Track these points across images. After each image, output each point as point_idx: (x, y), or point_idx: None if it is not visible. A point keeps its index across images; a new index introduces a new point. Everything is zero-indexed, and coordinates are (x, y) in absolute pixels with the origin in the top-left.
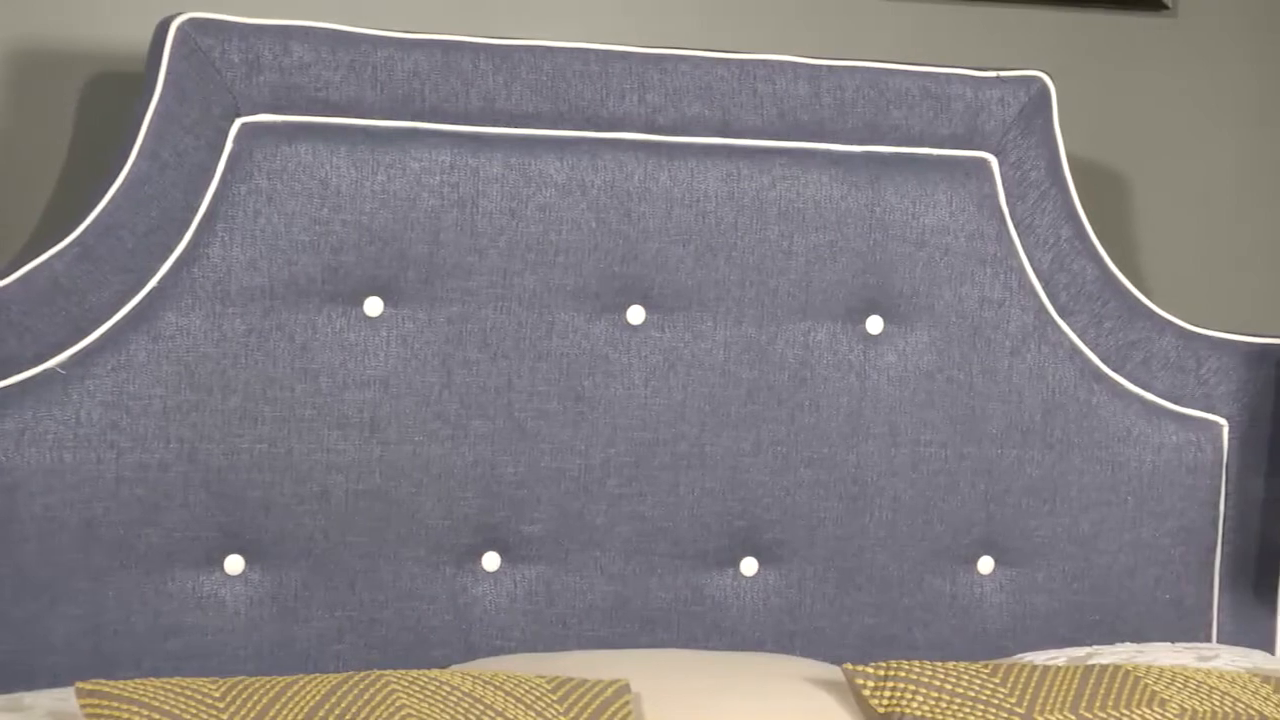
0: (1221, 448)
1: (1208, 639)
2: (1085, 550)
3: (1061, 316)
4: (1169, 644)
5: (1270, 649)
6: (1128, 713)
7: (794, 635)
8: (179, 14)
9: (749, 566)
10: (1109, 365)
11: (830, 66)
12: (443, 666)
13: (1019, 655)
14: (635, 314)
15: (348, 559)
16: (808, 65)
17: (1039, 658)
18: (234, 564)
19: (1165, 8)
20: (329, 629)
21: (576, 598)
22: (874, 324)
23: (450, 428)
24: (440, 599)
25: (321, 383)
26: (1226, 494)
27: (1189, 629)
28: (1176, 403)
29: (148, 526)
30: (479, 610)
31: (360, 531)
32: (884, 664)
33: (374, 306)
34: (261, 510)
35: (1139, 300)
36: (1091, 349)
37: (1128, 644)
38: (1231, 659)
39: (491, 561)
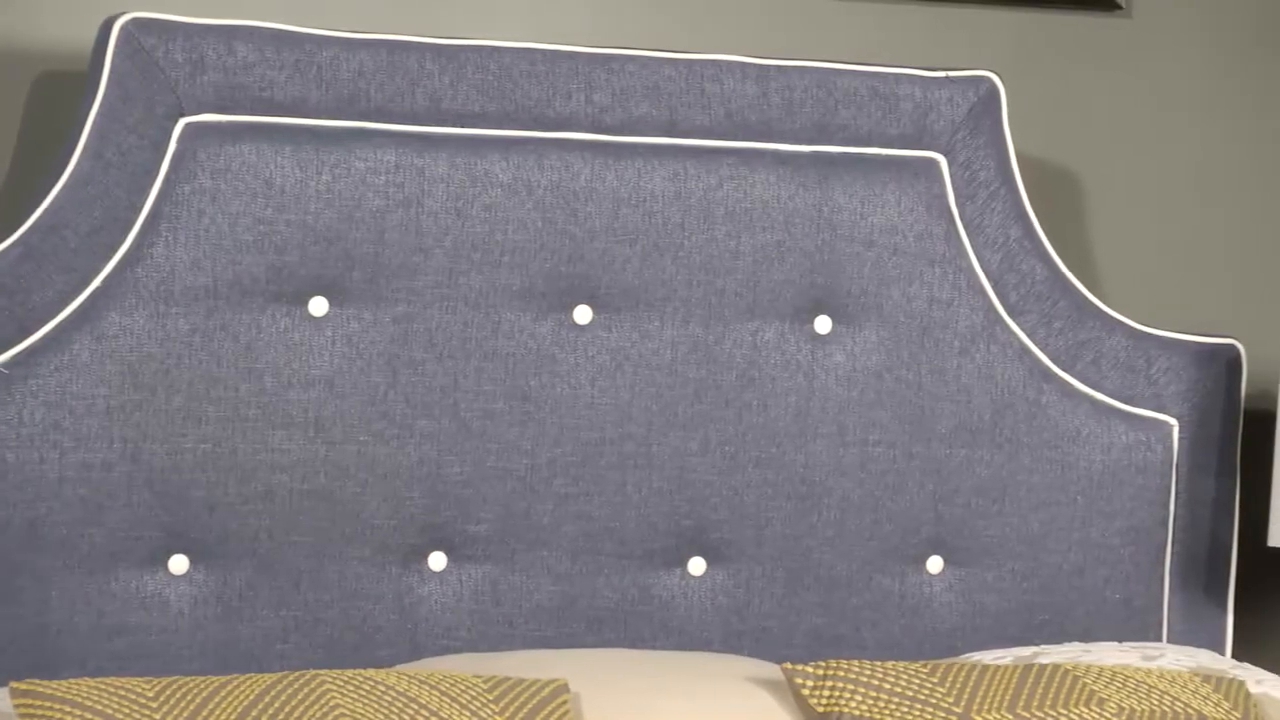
0: (1171, 447)
1: (1158, 638)
2: (1034, 550)
3: (1011, 316)
4: (1116, 643)
5: (1221, 648)
6: (1065, 712)
7: (742, 635)
8: (122, 14)
9: (696, 566)
10: (1059, 365)
11: (779, 66)
12: (388, 666)
13: (967, 655)
14: (582, 314)
15: (292, 559)
16: (756, 65)
17: (986, 657)
18: (178, 564)
19: (1119, 7)
20: (274, 629)
21: (523, 597)
22: (822, 324)
23: (395, 427)
24: (386, 599)
25: (266, 382)
26: (1176, 494)
27: (1139, 628)
28: (1126, 402)
29: (91, 526)
30: (425, 610)
31: (305, 531)
32: (823, 663)
33: (319, 306)
34: (206, 510)
35: (1089, 300)
36: (1041, 349)
37: (1075, 643)
38: (1177, 658)
39: (437, 561)
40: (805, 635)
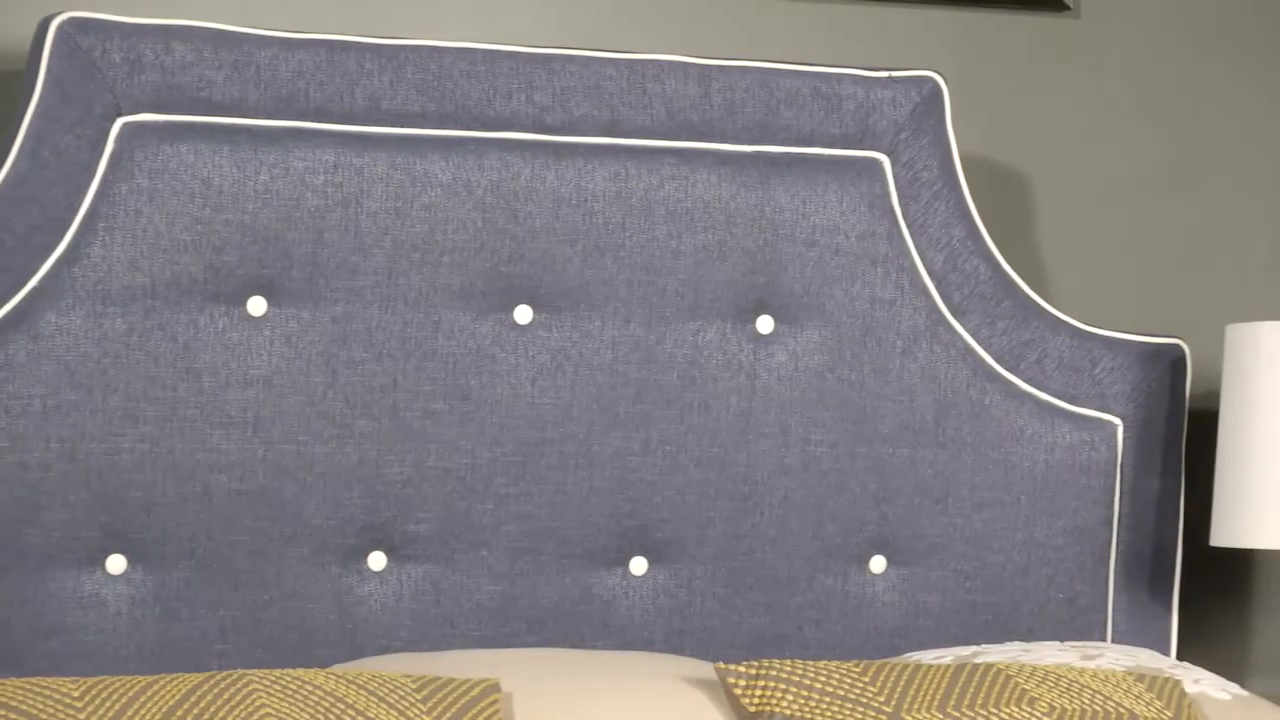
0: (1116, 447)
1: (1102, 638)
2: (978, 549)
3: (954, 316)
4: (1056, 643)
5: (1165, 648)
6: (996, 711)
7: (684, 635)
8: (59, 13)
9: (638, 566)
10: (1002, 365)
11: (720, 66)
12: (327, 666)
13: (908, 654)
14: (522, 314)
15: (231, 558)
16: (698, 65)
17: (926, 656)
18: (115, 564)
19: (1066, 8)
20: (212, 628)
21: (463, 597)
22: (764, 323)
23: (335, 427)
24: (325, 598)
25: (204, 382)
26: (1121, 493)
27: (1083, 628)
28: (1071, 402)
29: (28, 526)
30: (365, 610)
31: (244, 531)
32: (756, 663)
33: (257, 306)
34: (143, 510)
35: (1033, 300)
36: (985, 348)
37: (1016, 643)
38: (1116, 658)
39: (377, 561)
40: (748, 635)
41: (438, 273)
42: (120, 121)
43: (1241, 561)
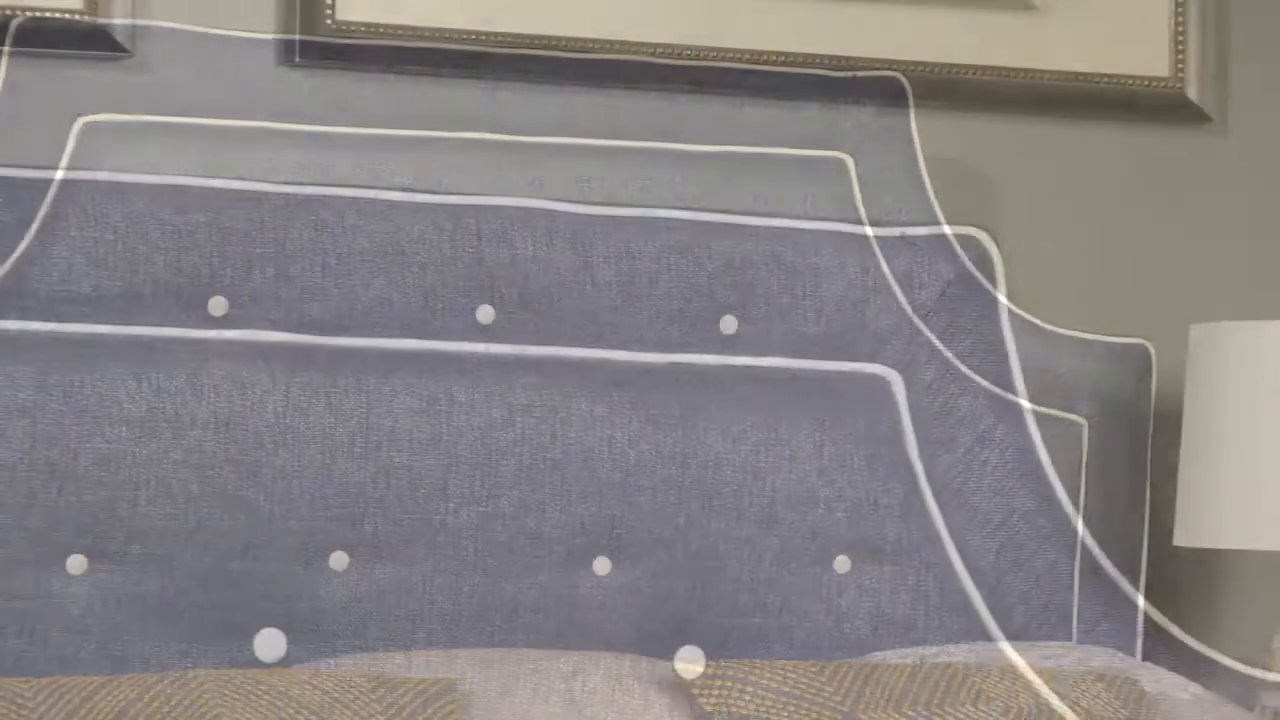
0: (1081, 447)
1: (1068, 638)
2: (944, 550)
3: (920, 316)
4: (1022, 643)
5: (1131, 648)
6: (952, 710)
7: (649, 635)
8: (19, 12)
9: (604, 566)
10: (968, 365)
11: (685, 66)
12: (291, 667)
13: (871, 654)
14: (485, 313)
15: (195, 560)
16: (663, 65)
17: (890, 657)
18: (79, 565)
19: (1032, 7)
20: (177, 630)
21: (429, 597)
22: (728, 324)
23: (299, 427)
24: (290, 599)
25: (169, 383)
26: (1086, 493)
27: (1049, 628)
28: (1036, 403)
29: None
30: (330, 610)
31: (208, 532)
32: (713, 663)
33: (220, 306)
34: (107, 511)
35: (998, 300)
36: (950, 349)
37: (981, 643)
38: (1079, 657)
39: (341, 561)
40: (714, 635)
41: (402, 273)
42: (81, 121)
43: (1206, 561)
